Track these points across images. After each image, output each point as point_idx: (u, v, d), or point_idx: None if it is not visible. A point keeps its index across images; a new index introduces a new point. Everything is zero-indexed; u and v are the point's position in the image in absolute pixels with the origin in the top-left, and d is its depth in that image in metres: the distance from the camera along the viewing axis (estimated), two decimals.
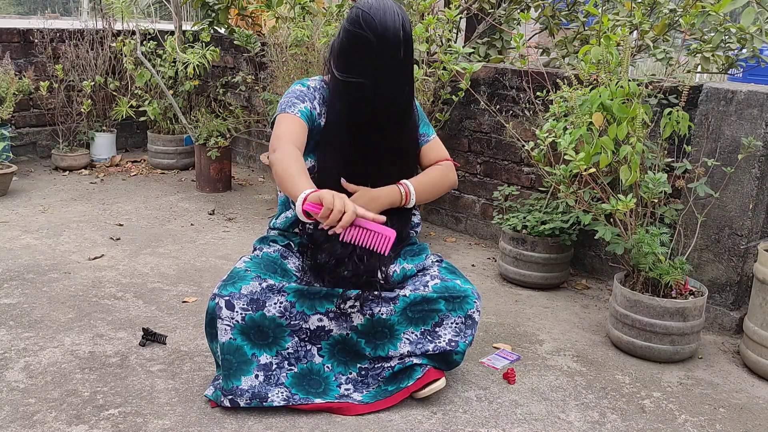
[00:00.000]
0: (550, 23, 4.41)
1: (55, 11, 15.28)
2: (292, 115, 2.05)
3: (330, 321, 2.11)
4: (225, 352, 2.02)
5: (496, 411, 2.14)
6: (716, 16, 3.02)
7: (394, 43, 1.97)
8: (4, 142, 4.29)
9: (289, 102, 2.09)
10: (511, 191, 3.47)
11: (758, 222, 2.73)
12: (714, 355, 2.62)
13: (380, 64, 1.98)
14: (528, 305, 3.00)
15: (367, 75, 1.99)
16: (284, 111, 2.06)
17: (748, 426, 2.15)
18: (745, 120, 2.65)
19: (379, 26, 1.95)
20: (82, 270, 3.09)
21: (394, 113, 2.09)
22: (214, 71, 5.26)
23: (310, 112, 2.08)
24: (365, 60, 1.98)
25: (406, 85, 2.08)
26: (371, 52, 1.97)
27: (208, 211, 4.10)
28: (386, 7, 1.99)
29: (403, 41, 1.99)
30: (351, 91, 2.03)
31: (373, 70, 1.99)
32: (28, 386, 2.14)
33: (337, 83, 2.06)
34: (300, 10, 3.93)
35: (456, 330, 2.14)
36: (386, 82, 2.01)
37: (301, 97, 2.10)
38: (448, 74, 3.43)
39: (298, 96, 2.10)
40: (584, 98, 2.53)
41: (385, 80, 2.01)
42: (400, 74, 2.04)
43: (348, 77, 2.01)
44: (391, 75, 2.02)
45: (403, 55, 2.01)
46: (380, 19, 1.96)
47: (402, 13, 2.00)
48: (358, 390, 2.13)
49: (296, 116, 2.05)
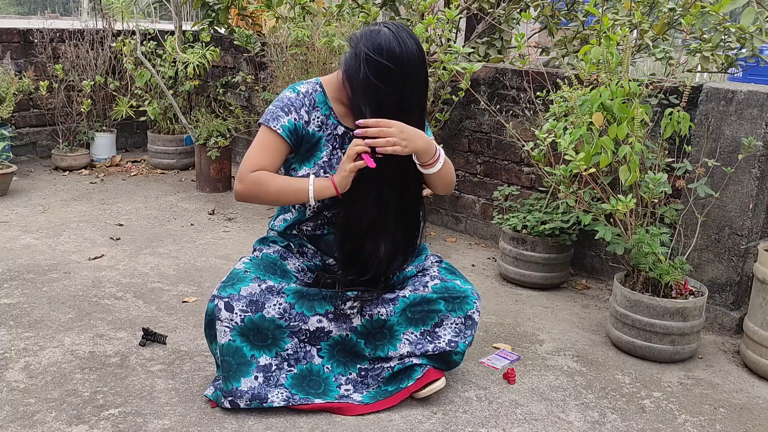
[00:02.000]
0: (550, 23, 4.41)
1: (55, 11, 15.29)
2: (272, 132, 2.06)
3: (329, 322, 2.11)
4: (224, 354, 2.01)
5: (496, 411, 2.14)
6: (716, 15, 3.02)
7: (418, 67, 1.98)
8: (4, 142, 4.29)
9: (274, 113, 2.08)
10: (511, 191, 3.47)
11: (758, 222, 2.73)
12: (714, 355, 2.62)
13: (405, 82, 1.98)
14: (528, 305, 3.00)
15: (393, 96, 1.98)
16: (267, 123, 2.07)
17: (748, 426, 2.15)
18: (745, 120, 2.65)
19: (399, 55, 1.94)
20: (82, 270, 3.09)
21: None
22: (214, 71, 5.26)
23: (293, 125, 2.07)
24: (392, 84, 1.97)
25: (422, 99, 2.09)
26: (395, 81, 1.96)
27: (208, 211, 4.10)
28: (399, 30, 1.99)
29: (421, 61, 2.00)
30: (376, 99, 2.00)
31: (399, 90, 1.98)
32: (28, 386, 2.14)
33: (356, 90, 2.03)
34: (300, 10, 3.93)
35: (456, 330, 2.14)
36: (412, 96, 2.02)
37: (287, 107, 2.08)
38: (448, 74, 3.42)
39: (284, 106, 2.08)
40: (584, 98, 2.53)
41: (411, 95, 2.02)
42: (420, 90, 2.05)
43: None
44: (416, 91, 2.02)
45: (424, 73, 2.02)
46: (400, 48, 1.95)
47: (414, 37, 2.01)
48: (358, 390, 2.13)
49: (276, 133, 2.06)
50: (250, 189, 2.06)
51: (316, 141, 2.11)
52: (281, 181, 2.06)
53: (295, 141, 2.08)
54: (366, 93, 1.97)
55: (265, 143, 2.07)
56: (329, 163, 2.11)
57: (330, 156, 2.12)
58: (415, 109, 2.03)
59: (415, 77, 1.98)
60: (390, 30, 1.96)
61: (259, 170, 2.05)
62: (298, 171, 2.11)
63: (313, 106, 2.11)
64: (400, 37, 1.94)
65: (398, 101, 1.97)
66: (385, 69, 1.92)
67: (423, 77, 2.01)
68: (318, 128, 2.11)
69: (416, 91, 2.01)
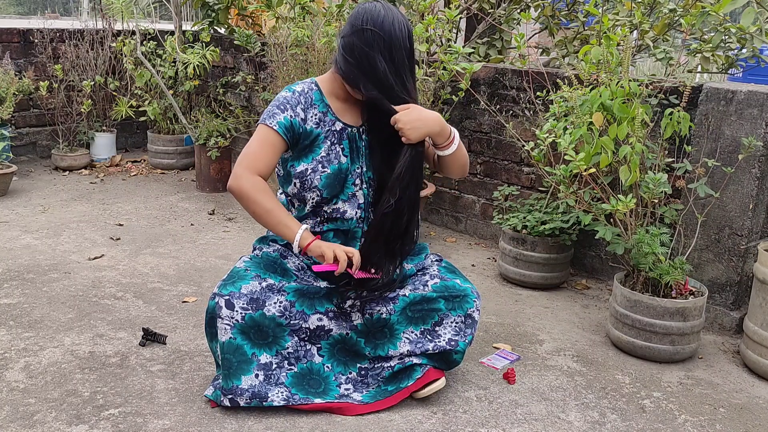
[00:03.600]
0: (550, 23, 4.41)
1: (55, 11, 15.30)
2: (268, 129, 2.07)
3: (330, 320, 2.11)
4: (225, 352, 2.02)
5: (496, 411, 2.14)
6: (716, 16, 3.02)
7: (402, 37, 2.01)
8: (4, 142, 4.29)
9: (270, 112, 2.10)
10: (511, 191, 3.47)
11: (758, 222, 2.73)
12: (714, 355, 2.62)
13: (392, 57, 2.01)
14: (528, 305, 3.00)
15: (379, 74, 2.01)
16: (264, 122, 2.09)
17: (748, 426, 2.15)
18: (745, 120, 2.65)
19: (386, 25, 2.00)
20: (82, 270, 3.09)
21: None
22: (214, 71, 5.26)
23: (290, 122, 2.08)
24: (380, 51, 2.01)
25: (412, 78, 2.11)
26: (383, 50, 2.00)
27: (208, 211, 4.10)
28: (387, 8, 2.02)
29: (409, 35, 2.04)
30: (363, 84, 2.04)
31: (386, 65, 2.01)
32: (28, 386, 2.14)
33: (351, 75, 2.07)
34: (300, 10, 3.93)
35: (456, 329, 2.14)
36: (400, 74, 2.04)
37: (283, 105, 2.10)
38: (448, 74, 3.42)
39: (280, 104, 2.10)
40: (584, 98, 2.53)
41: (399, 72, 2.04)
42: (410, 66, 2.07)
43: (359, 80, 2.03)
44: (403, 67, 2.04)
45: (410, 45, 2.05)
46: (384, 19, 2.00)
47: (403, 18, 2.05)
48: (358, 390, 2.13)
49: (272, 129, 2.07)
50: (248, 192, 2.04)
51: (315, 137, 2.12)
52: (276, 206, 2.05)
53: (291, 138, 2.09)
54: (360, 66, 2.01)
55: (261, 140, 2.08)
56: (327, 158, 2.12)
57: (329, 151, 2.13)
58: (408, 75, 2.06)
59: (402, 42, 2.01)
60: (378, 3, 2.04)
61: (259, 174, 2.05)
62: (297, 167, 2.12)
63: (309, 104, 2.12)
64: (386, 8, 2.02)
65: (392, 69, 2.01)
66: (374, 36, 1.98)
67: (410, 42, 2.05)
68: (316, 125, 2.12)
69: (406, 55, 2.03)
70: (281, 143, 2.08)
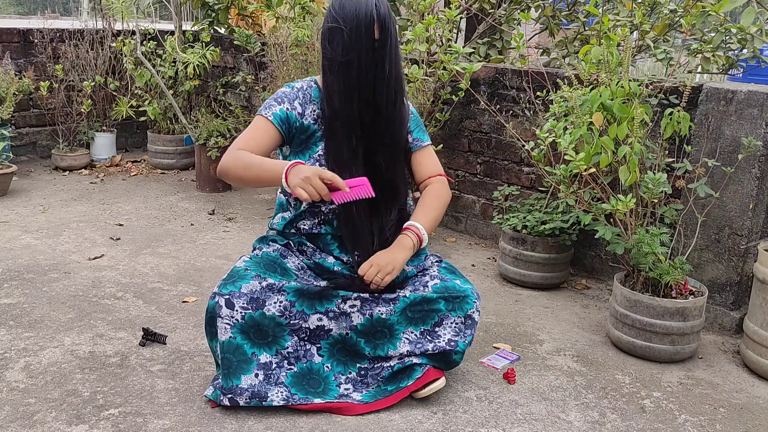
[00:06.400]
0: (551, 23, 4.41)
1: (55, 11, 15.30)
2: (263, 119, 2.12)
3: (330, 320, 2.11)
4: (225, 351, 2.02)
5: (496, 411, 2.14)
6: (716, 16, 3.02)
7: (367, 25, 2.00)
8: (4, 142, 4.29)
9: (267, 104, 2.15)
10: (511, 191, 3.47)
11: (758, 222, 2.73)
12: (714, 355, 2.62)
13: (357, 47, 2.00)
14: (528, 305, 3.00)
15: (350, 59, 2.01)
16: (260, 113, 2.14)
17: (748, 426, 2.15)
18: (745, 120, 2.65)
19: (350, 13, 1.99)
20: (82, 270, 3.09)
21: (382, 101, 2.08)
22: (214, 71, 5.26)
23: (285, 114, 2.12)
24: (343, 45, 2.01)
25: (387, 65, 2.06)
26: (345, 38, 2.00)
27: (208, 211, 4.10)
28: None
29: (378, 21, 2.01)
30: (338, 76, 2.04)
31: (353, 53, 2.01)
32: (28, 386, 2.14)
33: (325, 71, 2.08)
34: (300, 10, 3.93)
35: (456, 330, 2.14)
36: (367, 64, 2.02)
37: (280, 99, 2.15)
38: (448, 74, 3.43)
39: (278, 97, 2.15)
40: (584, 98, 2.53)
41: (367, 62, 2.02)
42: (380, 54, 2.04)
43: (333, 63, 2.04)
44: (371, 56, 2.02)
45: (379, 35, 2.02)
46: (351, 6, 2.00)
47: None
48: (358, 390, 2.13)
49: (268, 119, 2.11)
50: (233, 164, 2.05)
51: (311, 134, 2.14)
52: (255, 158, 2.05)
53: (286, 129, 2.11)
54: (331, 70, 2.04)
55: (254, 128, 2.13)
56: (324, 157, 2.13)
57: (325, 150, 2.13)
58: (384, 83, 2.04)
59: (368, 35, 2.00)
60: None
61: (245, 151, 2.08)
62: None
63: (308, 100, 2.15)
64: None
65: (356, 57, 1.99)
66: (334, 30, 2.02)
67: (381, 35, 2.01)
68: (314, 122, 2.14)
69: (377, 52, 2.01)
70: (275, 133, 2.11)
